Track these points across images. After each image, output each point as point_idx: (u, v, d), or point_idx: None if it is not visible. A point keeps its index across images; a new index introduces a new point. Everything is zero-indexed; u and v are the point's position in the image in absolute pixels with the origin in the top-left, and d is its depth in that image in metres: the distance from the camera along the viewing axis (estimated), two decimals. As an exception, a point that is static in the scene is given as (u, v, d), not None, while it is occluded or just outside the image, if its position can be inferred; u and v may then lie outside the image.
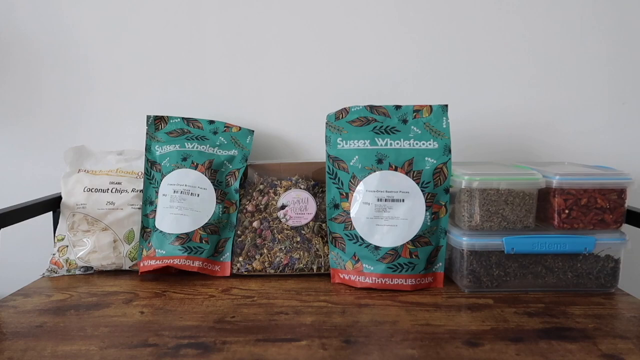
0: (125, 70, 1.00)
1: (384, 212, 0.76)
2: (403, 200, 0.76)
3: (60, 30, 0.99)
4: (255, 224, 0.84)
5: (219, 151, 0.88)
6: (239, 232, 0.84)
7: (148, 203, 0.86)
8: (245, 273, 0.81)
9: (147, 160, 0.87)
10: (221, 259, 0.82)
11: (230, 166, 0.88)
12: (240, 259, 0.81)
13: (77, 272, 0.83)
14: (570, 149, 0.99)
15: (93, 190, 0.86)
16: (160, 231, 0.82)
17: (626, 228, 0.75)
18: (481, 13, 0.96)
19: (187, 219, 0.82)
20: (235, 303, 0.69)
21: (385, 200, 0.76)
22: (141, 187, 0.87)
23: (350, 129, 0.81)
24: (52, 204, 0.86)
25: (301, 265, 0.80)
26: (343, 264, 0.78)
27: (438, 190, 0.77)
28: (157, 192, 0.85)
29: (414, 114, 0.81)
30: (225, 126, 0.94)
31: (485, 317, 0.64)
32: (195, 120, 0.93)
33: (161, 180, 0.85)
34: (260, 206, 0.85)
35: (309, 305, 0.68)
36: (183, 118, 0.93)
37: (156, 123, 0.91)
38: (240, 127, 0.94)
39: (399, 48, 0.97)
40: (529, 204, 0.73)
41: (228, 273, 0.81)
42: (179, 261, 0.79)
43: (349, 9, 0.97)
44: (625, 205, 0.73)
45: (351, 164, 0.79)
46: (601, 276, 0.73)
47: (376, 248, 0.76)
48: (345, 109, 0.83)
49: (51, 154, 1.00)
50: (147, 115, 0.91)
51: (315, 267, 0.80)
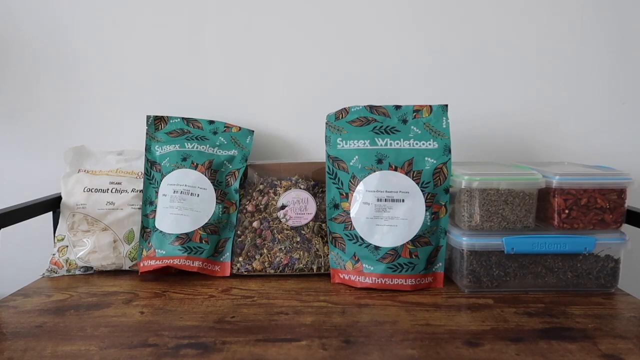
0: (126, 70, 1.00)
1: (384, 212, 0.76)
2: (403, 200, 0.76)
3: (60, 31, 0.99)
4: (255, 224, 0.84)
5: (219, 151, 0.88)
6: (239, 232, 0.84)
7: (148, 203, 0.86)
8: (245, 273, 0.81)
9: (147, 160, 0.87)
10: (221, 259, 0.82)
11: (230, 166, 0.88)
12: (240, 259, 0.81)
13: (77, 272, 0.83)
14: (570, 149, 0.99)
15: (93, 190, 0.86)
16: (160, 231, 0.82)
17: (626, 228, 0.75)
18: (481, 13, 0.96)
19: (187, 219, 0.82)
20: (235, 303, 0.69)
21: (385, 200, 0.76)
22: (141, 187, 0.87)
23: (350, 129, 0.81)
24: (52, 204, 0.86)
25: (301, 265, 0.80)
26: (343, 264, 0.78)
27: (438, 190, 0.77)
28: (157, 192, 0.85)
29: (414, 114, 0.81)
30: (225, 126, 0.94)
31: (485, 317, 0.64)
32: (195, 120, 0.93)
33: (161, 181, 0.85)
34: (260, 206, 0.85)
35: (309, 305, 0.68)
36: (183, 118, 0.93)
37: (156, 123, 0.91)
38: (240, 127, 0.94)
39: (399, 48, 0.97)
40: (529, 204, 0.73)
41: (228, 273, 0.81)
42: (179, 261, 0.79)
43: (348, 10, 0.97)
44: (625, 205, 0.73)
45: (351, 164, 0.79)
46: (601, 276, 0.73)
47: (376, 248, 0.76)
48: (345, 109, 0.83)
49: (51, 154, 1.00)
50: (147, 115, 0.91)
51: (315, 267, 0.80)
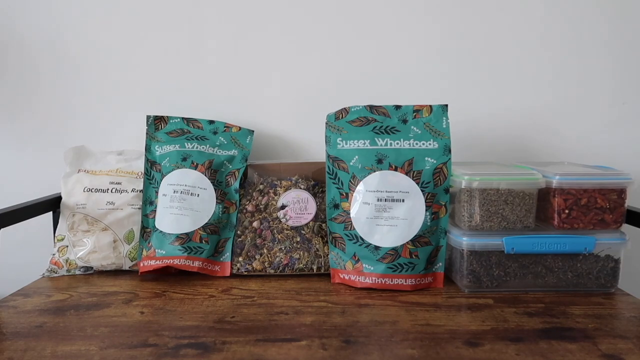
0: (126, 70, 1.00)
1: (384, 212, 0.76)
2: (403, 200, 0.76)
3: (60, 32, 0.99)
4: (255, 224, 0.84)
5: (219, 151, 0.88)
6: (239, 232, 0.84)
7: (148, 203, 0.86)
8: (245, 273, 0.81)
9: (147, 160, 0.87)
10: (221, 259, 0.82)
11: (230, 166, 0.88)
12: (240, 259, 0.81)
13: (77, 272, 0.83)
14: (570, 149, 0.99)
15: (93, 190, 0.86)
16: (160, 231, 0.82)
17: (626, 228, 0.75)
18: (480, 13, 0.96)
19: (187, 219, 0.82)
20: (235, 303, 0.69)
21: (385, 200, 0.76)
22: (141, 187, 0.87)
23: (350, 129, 0.81)
24: (52, 204, 0.86)
25: (301, 265, 0.80)
26: (343, 264, 0.78)
27: (438, 190, 0.77)
28: (157, 192, 0.85)
29: (414, 114, 0.81)
30: (225, 126, 0.94)
31: (485, 317, 0.64)
32: (195, 120, 0.93)
33: (161, 181, 0.85)
34: (260, 206, 0.85)
35: (309, 305, 0.68)
36: (183, 118, 0.93)
37: (156, 123, 0.91)
38: (240, 127, 0.94)
39: (399, 48, 0.97)
40: (529, 204, 0.73)
41: (228, 273, 0.81)
42: (179, 261, 0.79)
43: (348, 9, 0.97)
44: (625, 205, 0.73)
45: (351, 164, 0.79)
46: (601, 276, 0.73)
47: (376, 248, 0.76)
48: (345, 109, 0.83)
49: (51, 154, 1.00)
50: (147, 115, 0.91)
51: (315, 267, 0.80)
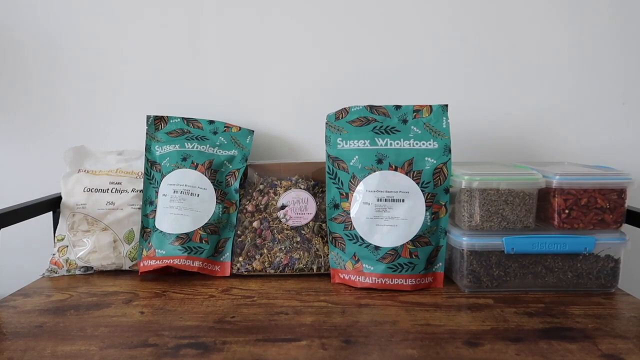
0: (126, 70, 1.00)
1: (384, 212, 0.76)
2: (403, 200, 0.76)
3: (60, 31, 0.99)
4: (255, 224, 0.84)
5: (219, 151, 0.88)
6: (239, 232, 0.84)
7: (148, 203, 0.86)
8: (245, 273, 0.81)
9: (147, 160, 0.87)
10: (221, 259, 0.82)
11: (230, 166, 0.88)
12: (240, 259, 0.81)
13: (77, 272, 0.83)
14: (570, 149, 0.99)
15: (93, 190, 0.86)
16: (160, 231, 0.82)
17: (626, 228, 0.75)
18: (480, 14, 0.96)
19: (187, 219, 0.82)
20: (235, 303, 0.69)
21: (385, 200, 0.76)
22: (141, 187, 0.87)
23: (350, 129, 0.81)
24: (52, 204, 0.86)
25: (301, 265, 0.80)
26: (343, 264, 0.78)
27: (438, 190, 0.77)
28: (157, 192, 0.85)
29: (414, 114, 0.81)
30: (225, 126, 0.94)
31: (485, 317, 0.64)
32: (195, 120, 0.93)
33: (161, 180, 0.85)
34: (260, 206, 0.85)
35: (309, 305, 0.68)
36: (183, 118, 0.93)
37: (156, 123, 0.91)
38: (240, 127, 0.94)
39: (399, 48, 0.97)
40: (529, 204, 0.73)
41: (228, 273, 0.81)
42: (179, 261, 0.79)
43: (348, 9, 0.97)
44: (625, 205, 0.73)
45: (351, 164, 0.79)
46: (601, 276, 0.73)
47: (376, 248, 0.76)
48: (345, 109, 0.83)
49: (51, 154, 1.00)
50: (147, 115, 0.91)
51: (315, 267, 0.80)
